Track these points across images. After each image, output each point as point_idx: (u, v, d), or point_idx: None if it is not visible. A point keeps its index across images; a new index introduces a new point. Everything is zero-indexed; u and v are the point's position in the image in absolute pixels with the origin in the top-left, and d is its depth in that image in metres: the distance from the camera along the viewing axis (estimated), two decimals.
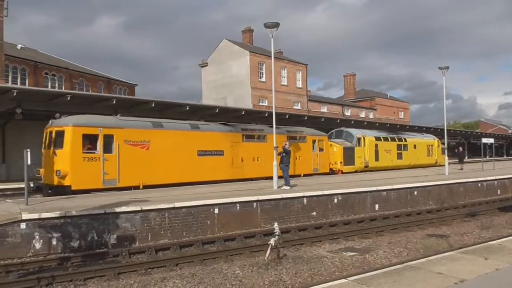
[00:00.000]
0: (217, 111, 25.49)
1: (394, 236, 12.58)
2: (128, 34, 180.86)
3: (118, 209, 10.68)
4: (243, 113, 26.67)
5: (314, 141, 24.52)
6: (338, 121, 33.51)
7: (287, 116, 28.88)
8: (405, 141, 32.45)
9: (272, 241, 9.36)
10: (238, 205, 12.70)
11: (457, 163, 31.33)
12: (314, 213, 14.40)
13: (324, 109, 57.74)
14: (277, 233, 9.46)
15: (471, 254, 7.78)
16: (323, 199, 14.74)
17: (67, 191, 14.52)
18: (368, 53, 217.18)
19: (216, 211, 12.22)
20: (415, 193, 17.90)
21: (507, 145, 74.15)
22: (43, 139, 16.16)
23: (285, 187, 15.99)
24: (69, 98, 19.56)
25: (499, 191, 22.22)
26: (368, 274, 6.70)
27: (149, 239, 10.99)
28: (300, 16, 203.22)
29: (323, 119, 32.65)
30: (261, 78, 49.37)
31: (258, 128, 22.39)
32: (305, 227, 13.28)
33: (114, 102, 21.08)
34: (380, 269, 7.18)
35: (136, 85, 53.54)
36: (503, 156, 67.38)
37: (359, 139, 27.81)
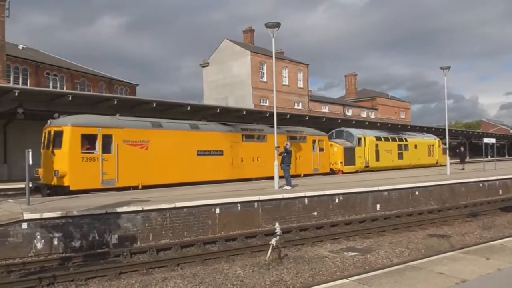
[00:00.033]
0: (218, 111, 25.51)
1: (395, 236, 12.56)
2: (129, 34, 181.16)
3: (119, 209, 10.68)
4: (244, 113, 26.68)
5: (314, 141, 24.47)
6: (339, 121, 33.50)
7: (288, 116, 28.89)
8: (406, 141, 32.39)
9: (273, 241, 9.35)
10: (239, 205, 12.69)
11: (458, 163, 31.29)
12: (315, 213, 14.39)
13: (325, 109, 57.73)
14: (278, 233, 9.46)
15: (472, 254, 7.77)
16: (324, 199, 14.73)
17: (66, 191, 14.47)
18: (369, 53, 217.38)
19: (217, 211, 12.22)
20: (417, 193, 17.88)
21: (509, 145, 74.09)
22: (41, 139, 16.14)
23: (286, 187, 15.98)
24: (70, 98, 19.60)
25: (500, 191, 22.18)
26: (369, 274, 6.69)
27: (151, 239, 11.00)
28: (301, 16, 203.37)
29: (324, 119, 32.65)
30: (262, 78, 49.38)
31: (258, 128, 22.34)
32: (306, 227, 13.27)
33: (116, 102, 21.10)
34: (381, 269, 7.18)
35: (137, 85, 53.61)
36: (504, 156, 67.30)
37: (359, 139, 27.76)
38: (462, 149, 33.59)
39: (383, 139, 29.90)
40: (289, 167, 16.79)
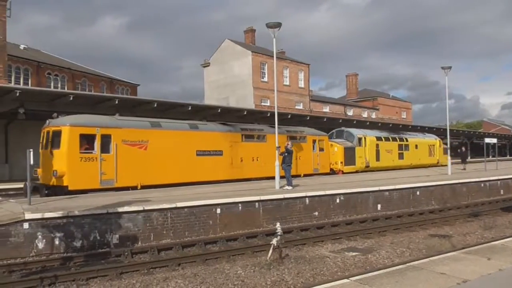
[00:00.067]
0: (219, 111, 25.51)
1: (396, 236, 12.55)
2: (130, 34, 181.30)
3: (120, 209, 10.69)
4: (245, 113, 26.70)
5: (314, 141, 24.42)
6: (340, 121, 33.48)
7: (289, 116, 28.89)
8: (407, 141, 32.35)
9: (274, 241, 9.35)
10: (240, 205, 12.69)
11: (459, 163, 31.26)
12: (316, 213, 14.39)
13: (326, 109, 57.71)
14: (279, 233, 9.45)
15: (473, 254, 7.77)
16: (325, 199, 14.73)
17: (64, 191, 14.42)
18: (370, 53, 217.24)
19: (218, 211, 12.22)
20: (418, 193, 17.87)
21: (510, 145, 74.02)
22: (40, 139, 16.09)
23: (287, 187, 15.98)
24: (71, 98, 19.61)
25: (502, 191, 22.16)
26: (370, 274, 6.69)
27: (152, 239, 11.01)
28: (303, 16, 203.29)
29: (325, 119, 32.65)
30: (263, 78, 49.39)
31: (258, 128, 22.30)
32: (307, 227, 13.27)
33: (117, 102, 21.11)
34: (382, 269, 7.18)
35: (138, 85, 53.64)
36: (506, 156, 67.23)
37: (360, 139, 27.72)
38: (463, 149, 33.57)
39: (383, 139, 29.87)
40: (290, 167, 16.80)
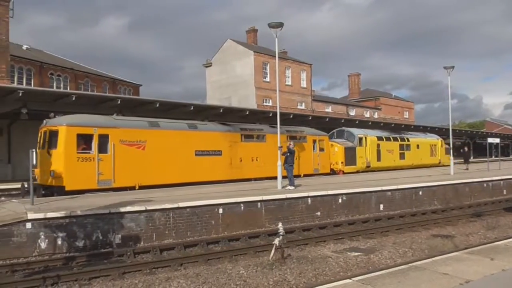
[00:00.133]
0: (221, 111, 25.49)
1: (399, 236, 12.54)
2: (133, 35, 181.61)
3: (122, 209, 10.71)
4: (247, 113, 26.66)
5: (314, 141, 24.34)
6: (343, 121, 33.42)
7: (291, 116, 28.85)
8: (408, 141, 32.23)
9: (277, 241, 9.36)
10: (242, 205, 12.70)
11: (462, 163, 31.19)
12: (319, 213, 14.38)
13: (328, 109, 57.65)
14: (281, 233, 9.45)
15: (476, 254, 7.75)
16: (328, 199, 14.72)
17: (61, 191, 14.36)
18: (373, 52, 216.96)
19: (221, 211, 12.22)
20: (420, 193, 17.83)
21: None
22: (37, 139, 16.01)
23: (290, 187, 15.98)
24: (74, 99, 19.62)
25: (505, 191, 22.09)
26: (372, 274, 6.68)
27: (154, 239, 11.02)
28: (305, 15, 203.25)
29: (327, 119, 32.58)
30: (265, 78, 49.37)
31: (257, 128, 22.23)
32: (310, 227, 13.27)
33: (119, 102, 21.11)
34: (385, 270, 7.16)
35: (140, 85, 53.67)
36: (509, 156, 66.97)
37: (360, 139, 27.62)
38: (466, 149, 33.44)
39: (384, 139, 29.78)
40: (292, 167, 16.79)
